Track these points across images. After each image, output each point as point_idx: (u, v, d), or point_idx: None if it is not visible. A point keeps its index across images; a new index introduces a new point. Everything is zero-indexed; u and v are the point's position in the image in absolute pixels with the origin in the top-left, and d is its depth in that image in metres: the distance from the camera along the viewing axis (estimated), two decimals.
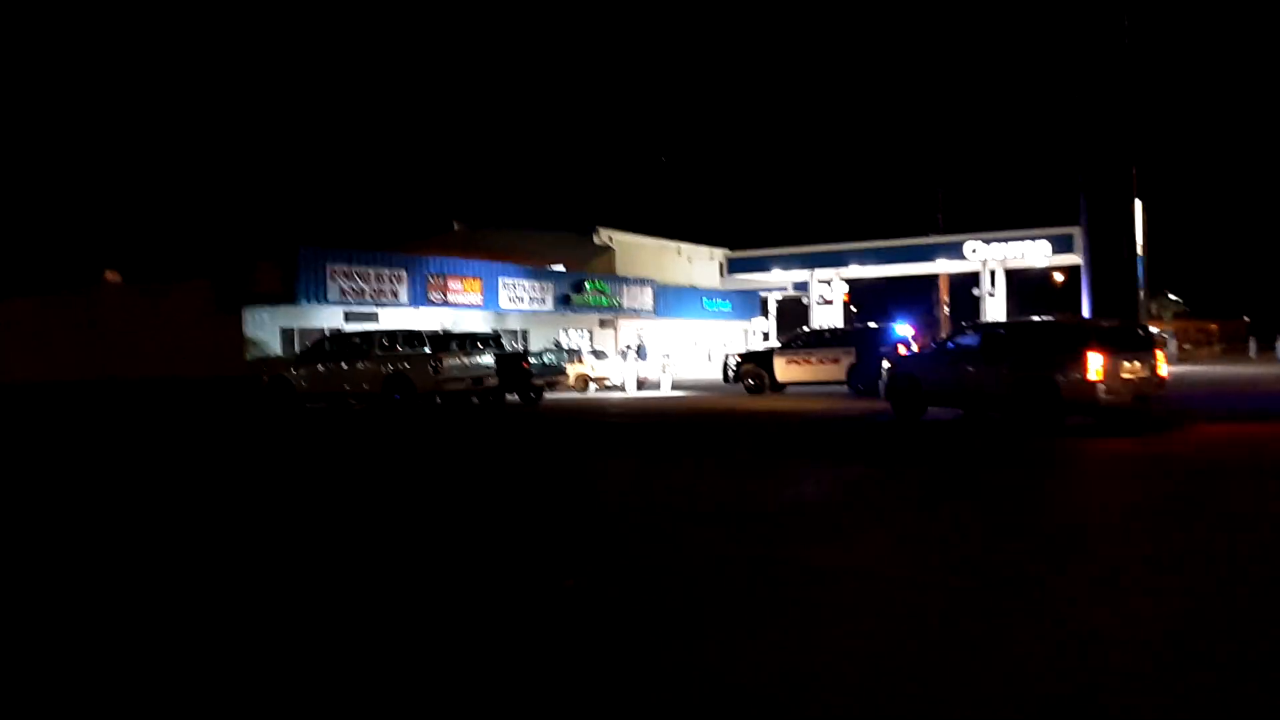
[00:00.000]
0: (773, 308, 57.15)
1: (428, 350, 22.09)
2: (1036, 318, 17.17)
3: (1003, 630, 4.61)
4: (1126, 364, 14.27)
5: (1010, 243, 38.23)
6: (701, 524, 7.59)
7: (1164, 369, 14.85)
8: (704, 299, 47.45)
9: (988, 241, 38.80)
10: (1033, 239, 37.69)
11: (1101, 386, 13.97)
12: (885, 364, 18.10)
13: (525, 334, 35.53)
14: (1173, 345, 46.02)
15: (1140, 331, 15.20)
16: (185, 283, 27.11)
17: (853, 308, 59.77)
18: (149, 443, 16.11)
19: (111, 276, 31.70)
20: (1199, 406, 18.00)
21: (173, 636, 4.90)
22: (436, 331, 25.50)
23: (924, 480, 9.96)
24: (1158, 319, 77.11)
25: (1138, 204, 45.14)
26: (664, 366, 30.09)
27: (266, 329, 26.27)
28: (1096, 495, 9.05)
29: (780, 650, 4.38)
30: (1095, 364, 13.99)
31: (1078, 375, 14.12)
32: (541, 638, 4.74)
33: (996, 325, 16.61)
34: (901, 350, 22.88)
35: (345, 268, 25.94)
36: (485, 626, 4.96)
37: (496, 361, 22.26)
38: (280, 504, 9.29)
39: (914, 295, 57.44)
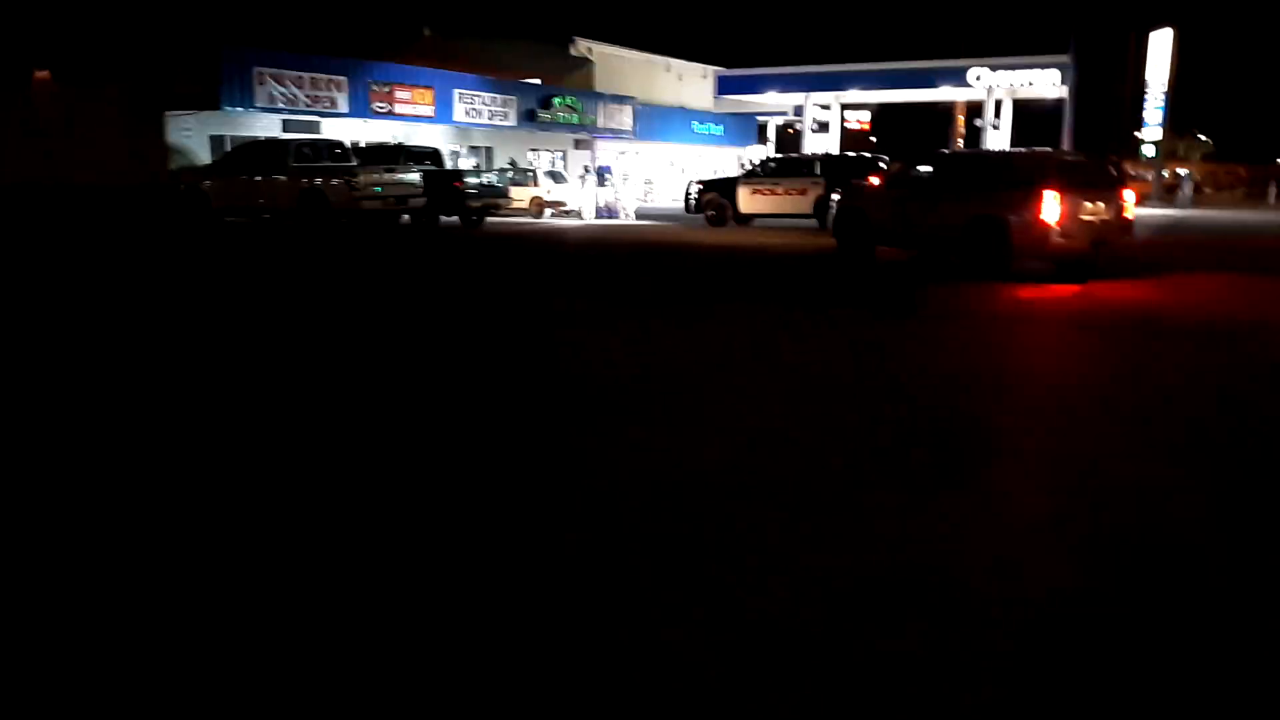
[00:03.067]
0: (772, 133, 54.26)
1: (353, 164, 20.45)
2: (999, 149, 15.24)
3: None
4: (1087, 205, 12.50)
5: (1018, 70, 35.18)
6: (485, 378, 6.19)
7: (1131, 211, 13.07)
8: (694, 122, 44.72)
9: (993, 68, 35.70)
10: (1042, 67, 34.55)
11: (1055, 230, 12.27)
12: (834, 196, 16.35)
13: (489, 152, 33.38)
14: (1188, 188, 43.48)
15: (1110, 168, 13.32)
16: (109, 85, 25.00)
17: (872, 138, 56.73)
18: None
19: (41, 76, 29.45)
20: (1178, 255, 16.37)
21: None
22: (360, 144, 23.60)
23: (776, 329, 8.50)
24: (1182, 159, 73.59)
25: (1168, 34, 41.87)
26: (626, 194, 28.20)
27: (194, 137, 24.36)
28: (948, 356, 7.56)
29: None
30: (1050, 204, 12.24)
31: (1030, 216, 12.40)
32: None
33: (951, 156, 14.74)
34: (872, 182, 20.96)
35: (275, 72, 23.75)
36: None
37: (425, 180, 20.44)
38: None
39: (935, 125, 54.23)
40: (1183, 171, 61.66)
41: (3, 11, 38.17)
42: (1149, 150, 44.32)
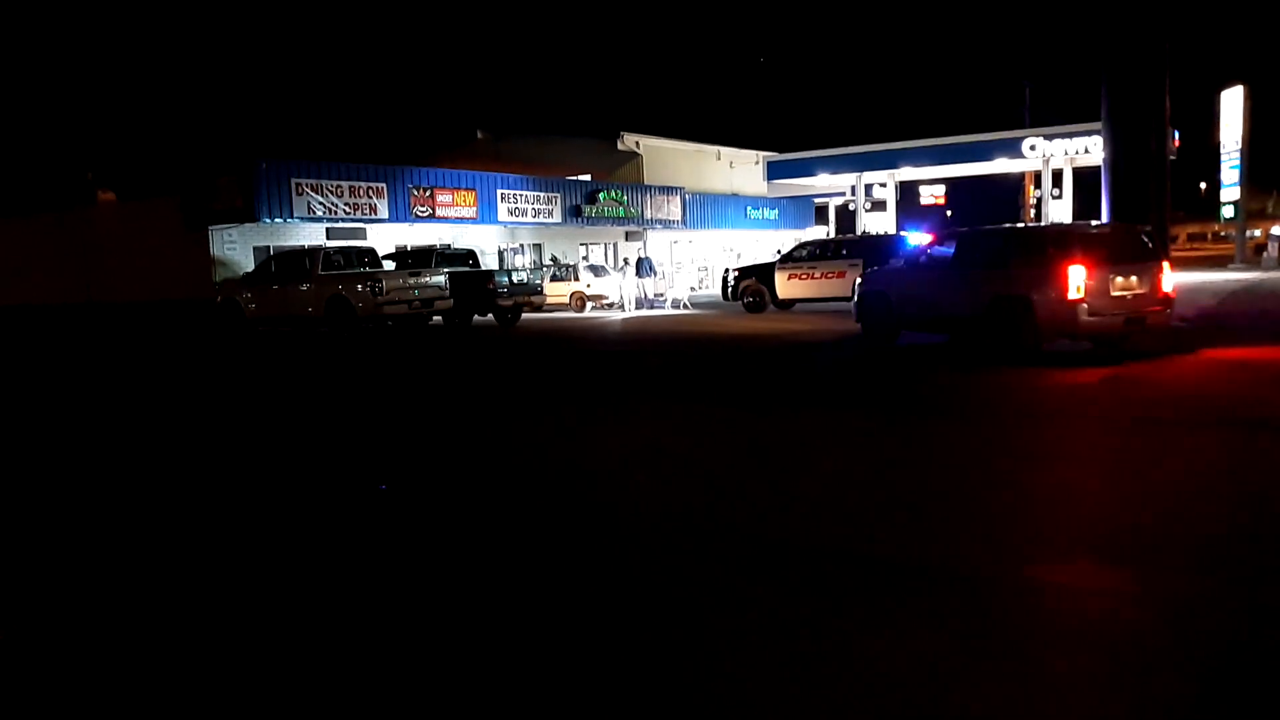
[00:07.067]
0: (832, 214, 53.58)
1: (388, 269, 20.60)
2: (1021, 224, 14.35)
3: None
4: (1119, 280, 11.53)
5: (1073, 138, 34.00)
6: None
7: (1169, 283, 12.01)
8: (748, 207, 44.44)
9: (1048, 138, 34.61)
10: (1098, 134, 33.29)
11: (1083, 308, 11.32)
12: (858, 280, 15.60)
13: (539, 249, 33.46)
14: (1274, 248, 41.12)
15: (1143, 239, 12.31)
16: (164, 202, 25.81)
17: (948, 212, 55.62)
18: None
19: (105, 196, 30.74)
20: (1237, 325, 15.09)
21: None
22: (407, 249, 23.89)
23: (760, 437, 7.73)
24: (1273, 218, 70.24)
25: (1238, 91, 40.22)
26: (679, 283, 27.94)
27: (239, 249, 24.84)
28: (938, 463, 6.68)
29: None
30: (1076, 280, 11.31)
31: (1056, 294, 11.48)
32: None
33: (972, 233, 13.88)
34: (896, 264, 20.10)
35: (313, 182, 24.12)
36: None
37: (452, 281, 20.32)
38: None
39: (1008, 196, 53.02)
40: (1276, 230, 58.54)
41: (68, 134, 40.22)
42: (1228, 211, 42.32)
